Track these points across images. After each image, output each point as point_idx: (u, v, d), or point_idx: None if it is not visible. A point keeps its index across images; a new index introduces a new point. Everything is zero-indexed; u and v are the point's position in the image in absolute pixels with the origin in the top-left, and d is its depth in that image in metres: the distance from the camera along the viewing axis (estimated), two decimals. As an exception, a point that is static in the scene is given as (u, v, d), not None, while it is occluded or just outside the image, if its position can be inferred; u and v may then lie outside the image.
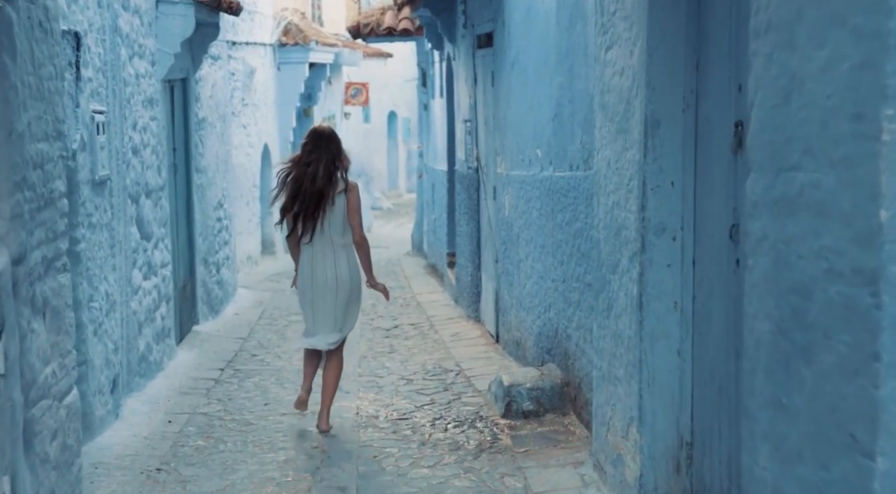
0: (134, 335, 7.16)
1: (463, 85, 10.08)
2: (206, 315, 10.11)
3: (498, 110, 8.28)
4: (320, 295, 6.24)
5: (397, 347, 9.04)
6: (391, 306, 11.30)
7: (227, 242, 11.42)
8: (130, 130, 7.19)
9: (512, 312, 7.95)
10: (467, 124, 9.93)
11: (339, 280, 6.21)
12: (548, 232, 6.65)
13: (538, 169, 6.90)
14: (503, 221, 8.18)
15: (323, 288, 6.22)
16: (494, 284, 8.70)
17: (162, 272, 8.11)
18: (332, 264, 6.20)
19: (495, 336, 8.75)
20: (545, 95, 6.65)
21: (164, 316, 8.14)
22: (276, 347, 9.17)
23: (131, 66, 7.28)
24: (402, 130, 28.12)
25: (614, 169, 4.68)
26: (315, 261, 6.22)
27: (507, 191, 7.95)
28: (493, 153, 8.59)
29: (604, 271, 4.91)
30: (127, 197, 7.08)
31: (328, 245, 6.19)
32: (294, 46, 17.06)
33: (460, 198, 10.45)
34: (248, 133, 15.39)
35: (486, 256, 9.28)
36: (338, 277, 6.20)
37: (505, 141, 8.03)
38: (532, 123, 7.05)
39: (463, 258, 10.40)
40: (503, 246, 8.23)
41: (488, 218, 9.01)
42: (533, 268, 7.12)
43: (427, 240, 14.62)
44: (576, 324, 6.03)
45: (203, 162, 10.18)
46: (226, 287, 11.12)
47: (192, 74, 9.78)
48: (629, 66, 4.47)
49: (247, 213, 15.32)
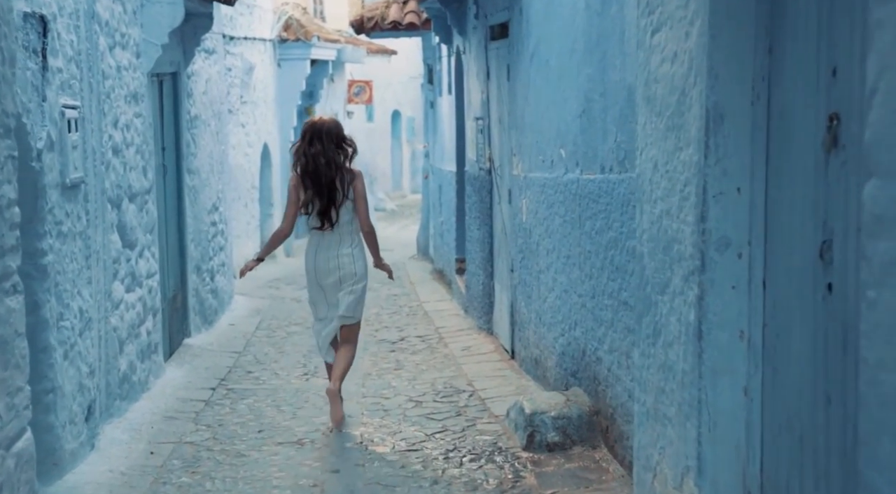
0: (114, 354, 6.45)
1: (474, 80, 9.37)
2: (199, 326, 9.40)
3: (514, 107, 7.57)
4: (325, 280, 6.32)
5: (404, 363, 8.32)
6: (397, 315, 10.59)
7: (223, 248, 10.71)
8: (111, 128, 6.49)
9: (530, 327, 7.24)
10: (479, 122, 9.22)
11: (343, 266, 6.28)
12: (574, 241, 5.94)
13: (562, 171, 6.19)
14: (520, 227, 7.47)
15: (326, 273, 6.30)
16: (510, 295, 7.99)
17: (148, 283, 7.41)
18: (336, 252, 6.26)
19: (510, 351, 8.03)
20: (571, 89, 5.94)
21: (151, 330, 7.43)
22: (273, 363, 8.46)
23: (112, 57, 6.57)
24: (406, 130, 27.39)
25: (663, 172, 3.97)
26: (320, 249, 6.29)
27: (525, 194, 7.24)
28: (509, 153, 7.88)
29: (648, 291, 4.19)
30: (106, 201, 6.37)
31: (335, 232, 6.25)
32: (295, 42, 16.36)
33: (471, 202, 9.74)
34: (246, 132, 14.69)
35: (499, 264, 8.57)
36: (341, 264, 6.27)
37: (522, 140, 7.32)
38: (555, 120, 6.34)
39: (473, 265, 9.68)
40: (520, 254, 7.51)
41: (502, 223, 8.30)
42: (555, 281, 6.41)
43: (433, 243, 13.91)
44: (608, 346, 5.32)
45: (196, 162, 9.47)
46: (221, 295, 10.41)
47: (184, 68, 9.07)
48: (684, 51, 3.76)
49: (245, 216, 14.62)
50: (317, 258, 6.31)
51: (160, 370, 7.66)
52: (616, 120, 5.10)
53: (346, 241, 6.28)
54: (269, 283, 13.55)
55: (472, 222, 9.75)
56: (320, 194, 6.16)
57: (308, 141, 6.17)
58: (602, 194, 5.35)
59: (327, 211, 6.19)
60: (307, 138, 6.18)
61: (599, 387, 5.50)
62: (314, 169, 6.13)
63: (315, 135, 6.17)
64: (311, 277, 6.38)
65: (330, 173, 6.12)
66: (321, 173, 6.13)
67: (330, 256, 6.28)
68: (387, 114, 26.07)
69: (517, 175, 7.53)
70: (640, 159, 4.29)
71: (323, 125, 6.23)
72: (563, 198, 6.14)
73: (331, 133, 6.18)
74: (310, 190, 6.16)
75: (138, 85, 7.25)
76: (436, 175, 13.47)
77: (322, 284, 6.33)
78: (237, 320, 10.37)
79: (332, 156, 6.13)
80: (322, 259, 6.29)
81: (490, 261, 8.93)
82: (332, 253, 6.27)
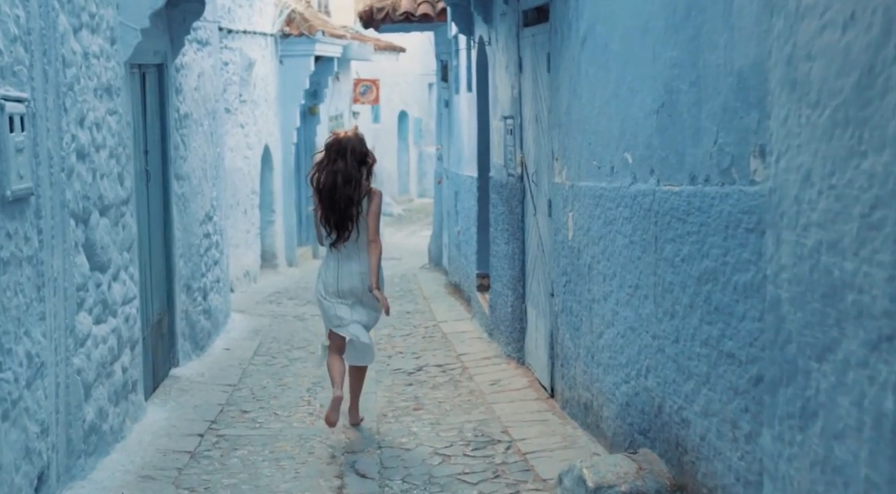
0: (77, 403, 5.23)
1: (502, 74, 8.15)
2: (189, 353, 8.18)
3: (557, 103, 6.35)
4: (341, 300, 6.22)
5: (424, 400, 7.09)
6: (412, 338, 9.37)
7: (218, 262, 9.49)
8: (74, 127, 5.27)
9: (577, 364, 6.02)
10: (508, 122, 8.00)
11: (359, 285, 6.19)
12: (646, 268, 4.72)
13: (627, 180, 4.96)
14: (564, 245, 6.25)
15: (349, 292, 6.21)
16: (549, 323, 6.77)
17: (124, 310, 6.19)
18: (353, 271, 6.19)
19: (549, 388, 6.81)
20: (643, 78, 4.71)
21: (128, 366, 6.21)
22: (273, 399, 7.24)
23: (77, 42, 5.36)
24: (414, 131, 26.16)
25: (825, 186, 2.74)
26: (336, 267, 6.23)
27: (572, 206, 6.02)
28: (548, 157, 6.66)
29: (791, 353, 2.97)
30: (68, 216, 5.16)
31: (353, 248, 6.19)
32: (298, 37, 15.14)
33: (497, 212, 8.52)
34: (245, 133, 13.47)
35: (534, 286, 7.34)
36: (360, 282, 6.19)
37: (568, 142, 6.10)
38: (617, 118, 5.12)
39: (500, 284, 8.46)
40: (564, 277, 6.29)
41: (538, 239, 7.08)
42: (617, 314, 5.19)
43: (448, 254, 12.68)
44: (701, 408, 4.09)
45: (185, 167, 8.25)
46: (215, 315, 9.19)
47: (171, 60, 7.85)
48: (869, 9, 2.54)
49: (244, 223, 13.40)
50: (332, 272, 6.23)
51: (139, 412, 6.44)
52: (716, 115, 3.88)
53: (364, 257, 6.19)
54: (270, 297, 12.34)
55: (498, 235, 8.53)
56: (334, 209, 6.11)
57: (332, 158, 6.13)
58: (692, 211, 4.13)
59: (342, 226, 6.13)
60: (332, 156, 6.14)
61: (685, 457, 4.27)
62: (331, 185, 6.09)
63: (340, 154, 6.13)
64: (328, 289, 6.25)
65: (347, 190, 6.08)
66: (337, 189, 6.08)
67: (343, 275, 6.21)
68: (393, 115, 24.83)
69: (560, 183, 6.31)
70: (775, 168, 3.05)
71: (348, 142, 6.17)
72: (630, 214, 4.92)
73: (355, 150, 6.15)
74: (325, 204, 6.12)
75: (113, 76, 6.04)
76: (451, 180, 12.25)
77: (338, 298, 6.23)
78: (233, 343, 9.15)
79: (352, 174, 6.10)
80: (338, 277, 6.21)
81: (521, 281, 7.71)
82: (350, 268, 6.20)
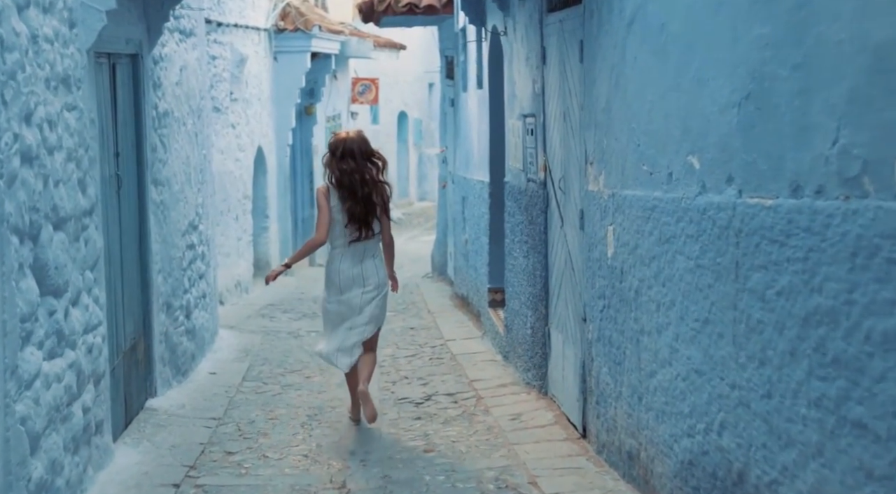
0: (20, 459, 4.26)
1: (521, 67, 7.20)
2: (169, 380, 7.22)
3: (593, 98, 5.40)
4: (349, 291, 6.30)
5: (435, 439, 6.14)
6: (418, 360, 8.41)
7: (203, 275, 8.53)
8: (18, 124, 4.30)
9: (619, 405, 5.07)
10: (528, 121, 7.05)
11: (368, 277, 6.28)
12: (721, 299, 3.76)
13: (693, 189, 4.01)
14: (602, 264, 5.30)
15: (351, 284, 6.29)
16: (580, 352, 5.82)
17: (87, 340, 5.23)
18: (362, 263, 6.28)
19: (580, 427, 5.85)
20: (717, 63, 3.76)
21: (91, 405, 5.25)
22: (263, 436, 6.27)
23: (22, 22, 4.39)
24: (414, 133, 25.18)
25: None
26: (346, 261, 6.29)
27: (613, 219, 5.07)
28: (580, 161, 5.72)
29: None
30: (8, 233, 4.19)
31: (361, 245, 6.27)
32: (294, 33, 14.19)
33: (514, 221, 7.57)
34: (237, 134, 12.52)
35: (560, 307, 6.39)
36: (367, 274, 6.28)
37: (608, 143, 5.15)
38: (678, 113, 4.17)
39: (517, 301, 7.51)
40: (601, 300, 5.34)
41: (567, 254, 6.12)
42: (676, 352, 4.23)
43: (454, 264, 11.72)
44: (811, 487, 3.13)
45: (165, 171, 7.29)
46: (200, 335, 8.23)
47: (148, 50, 6.89)
48: None
49: (236, 231, 12.44)
50: (343, 270, 6.29)
51: (105, 457, 5.48)
52: (836, 107, 2.92)
53: (370, 252, 6.31)
54: (263, 311, 11.37)
55: (515, 247, 7.58)
56: (358, 207, 6.15)
57: (339, 157, 6.19)
58: (796, 232, 3.17)
59: (365, 223, 6.20)
60: (337, 155, 6.20)
61: (783, 545, 3.32)
62: (349, 184, 6.15)
63: (346, 153, 6.18)
64: (335, 289, 6.33)
65: (366, 189, 6.15)
66: (357, 188, 6.14)
67: (355, 268, 6.28)
68: (393, 116, 23.85)
69: (597, 192, 5.36)
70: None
71: (353, 142, 6.23)
72: (697, 232, 3.97)
73: (360, 149, 6.21)
74: (348, 202, 6.15)
75: (71, 65, 5.07)
76: (458, 184, 11.30)
77: (345, 296, 6.30)
78: (220, 366, 8.19)
79: (364, 172, 6.15)
80: (348, 270, 6.28)
81: (544, 301, 6.75)
82: (358, 264, 6.28)
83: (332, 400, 7.17)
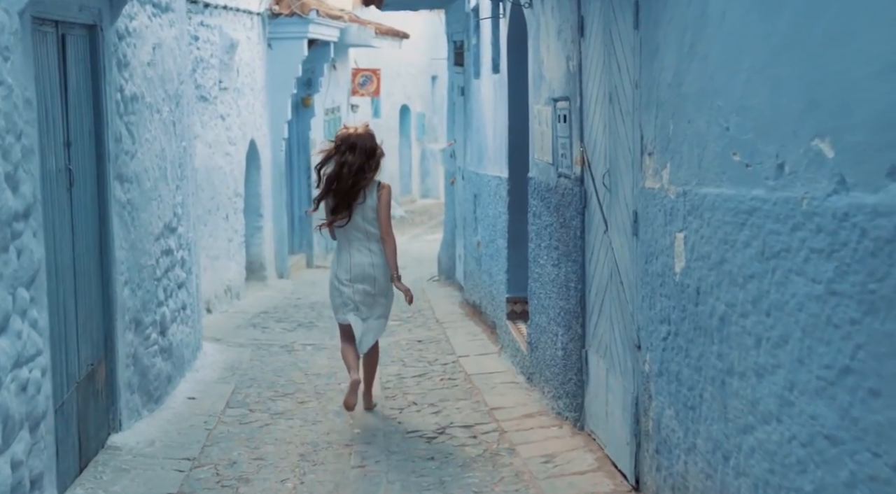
0: None
1: (551, 43, 6.07)
2: (138, 410, 6.08)
3: (654, 71, 4.26)
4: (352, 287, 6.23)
5: (453, 488, 5.00)
6: (428, 381, 7.28)
7: (183, 284, 7.40)
8: None
9: (691, 459, 3.93)
10: (559, 106, 5.92)
11: (370, 273, 6.22)
12: (875, 342, 2.62)
13: (823, 186, 2.86)
14: (666, 280, 4.16)
15: (360, 278, 6.23)
16: (633, 387, 4.68)
17: (19, 375, 4.09)
18: (369, 259, 6.22)
19: (632, 477, 4.71)
20: (873, 7, 2.62)
21: (24, 458, 4.12)
22: (245, 483, 5.14)
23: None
24: (416, 127, 24.01)
25: None
26: (353, 257, 6.25)
27: (684, 224, 3.93)
28: (633, 151, 4.58)
29: None
30: None
31: (363, 243, 6.24)
32: (290, 17, 13.05)
33: (541, 223, 6.44)
34: (227, 126, 11.36)
35: (602, 328, 5.26)
36: (371, 270, 6.22)
37: (675, 126, 4.01)
38: (796, 81, 3.02)
39: (544, 316, 6.39)
40: (664, 326, 4.20)
41: (614, 264, 4.99)
42: (791, 407, 3.09)
43: (464, 268, 10.58)
44: None
45: (133, 165, 6.16)
46: (178, 353, 7.09)
47: (110, 22, 5.75)
48: None
49: (226, 231, 11.30)
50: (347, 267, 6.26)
51: (45, 520, 4.36)
52: None
53: (373, 251, 6.25)
54: (254, 319, 10.24)
55: (541, 253, 6.45)
56: (337, 193, 6.19)
57: (342, 151, 6.21)
58: None
59: (344, 205, 6.18)
60: (342, 150, 6.21)
61: None
62: (336, 175, 6.19)
63: (349, 148, 6.20)
64: (337, 287, 6.31)
65: (350, 176, 6.15)
66: (342, 178, 6.17)
67: (354, 264, 6.24)
68: (395, 110, 22.68)
69: (658, 189, 4.22)
70: None
71: (359, 138, 6.23)
72: (830, 244, 2.83)
73: (365, 146, 6.21)
74: (328, 190, 6.21)
75: (-5, 29, 3.95)
76: (469, 181, 10.16)
77: (348, 292, 6.24)
78: (201, 389, 7.05)
79: (357, 164, 6.15)
80: (350, 267, 6.24)
81: (580, 319, 5.62)
82: (359, 262, 6.23)
83: (329, 432, 6.05)
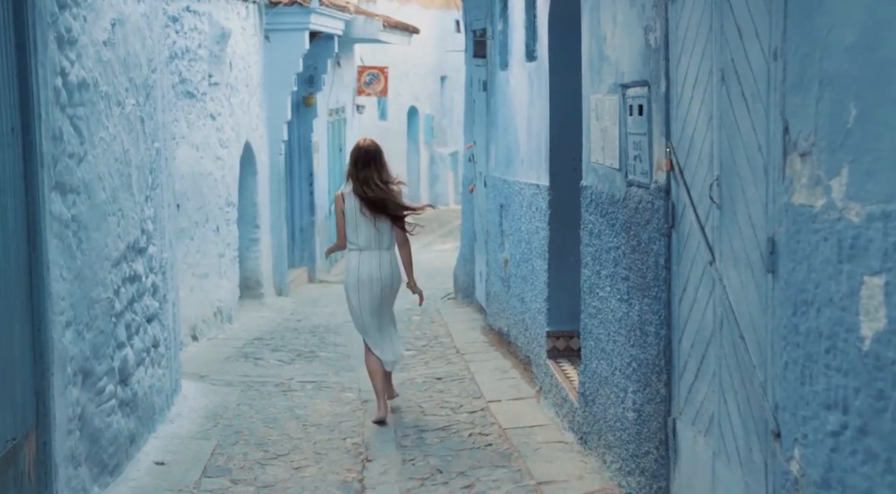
0: None
1: (620, 10, 4.63)
2: (85, 488, 4.64)
3: (811, 32, 2.83)
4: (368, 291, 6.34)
5: None
6: (452, 437, 5.84)
7: (155, 316, 5.97)
8: None
9: None
10: (630, 93, 4.49)
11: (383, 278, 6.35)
12: None
13: None
14: (838, 345, 2.71)
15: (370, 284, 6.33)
16: (765, 489, 3.23)
17: None
18: (378, 264, 6.32)
19: None
20: None
21: None
22: None
23: None
24: (425, 130, 22.58)
25: None
26: (364, 264, 6.33)
27: (880, 264, 2.49)
28: (766, 150, 3.14)
29: None
30: None
31: (377, 249, 6.33)
32: (289, 7, 11.65)
33: (600, 245, 5.00)
34: (218, 126, 9.93)
35: (703, 393, 3.81)
36: (383, 276, 6.35)
37: (859, 112, 2.57)
38: None
39: (604, 363, 4.95)
40: (836, 413, 2.75)
41: (725, 308, 3.54)
42: None
43: (487, 289, 9.15)
44: None
45: (81, 172, 4.72)
46: (144, 405, 5.66)
47: (44, -17, 4.34)
48: None
49: (216, 245, 9.86)
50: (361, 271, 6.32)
51: None
52: None
53: (385, 257, 6.35)
54: (247, 348, 8.80)
55: (603, 282, 5.01)
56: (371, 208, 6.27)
57: (360, 166, 6.34)
58: None
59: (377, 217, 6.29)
60: (358, 164, 6.35)
61: None
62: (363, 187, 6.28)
63: (362, 160, 6.35)
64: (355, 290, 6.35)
65: (381, 192, 6.27)
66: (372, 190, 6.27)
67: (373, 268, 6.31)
68: (402, 112, 21.25)
69: (823, 206, 2.78)
70: None
71: (368, 149, 6.40)
72: None
73: (377, 157, 6.37)
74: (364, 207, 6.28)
75: None
76: (493, 188, 8.73)
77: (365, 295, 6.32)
78: (173, 448, 5.62)
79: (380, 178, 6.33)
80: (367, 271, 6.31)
81: (663, 375, 4.18)
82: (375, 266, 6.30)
83: (332, 516, 4.62)
